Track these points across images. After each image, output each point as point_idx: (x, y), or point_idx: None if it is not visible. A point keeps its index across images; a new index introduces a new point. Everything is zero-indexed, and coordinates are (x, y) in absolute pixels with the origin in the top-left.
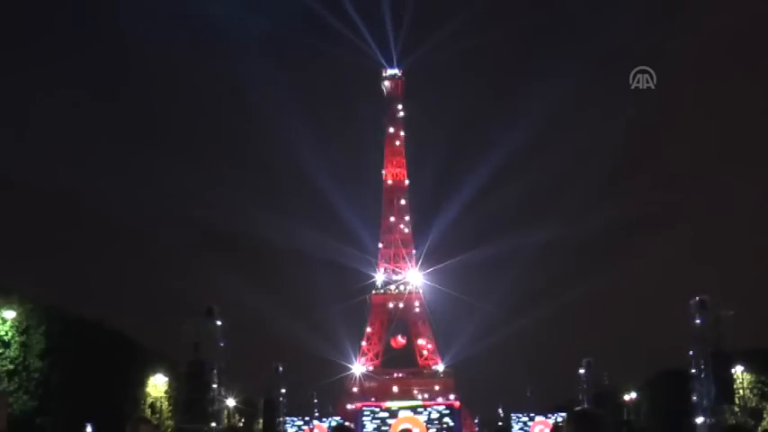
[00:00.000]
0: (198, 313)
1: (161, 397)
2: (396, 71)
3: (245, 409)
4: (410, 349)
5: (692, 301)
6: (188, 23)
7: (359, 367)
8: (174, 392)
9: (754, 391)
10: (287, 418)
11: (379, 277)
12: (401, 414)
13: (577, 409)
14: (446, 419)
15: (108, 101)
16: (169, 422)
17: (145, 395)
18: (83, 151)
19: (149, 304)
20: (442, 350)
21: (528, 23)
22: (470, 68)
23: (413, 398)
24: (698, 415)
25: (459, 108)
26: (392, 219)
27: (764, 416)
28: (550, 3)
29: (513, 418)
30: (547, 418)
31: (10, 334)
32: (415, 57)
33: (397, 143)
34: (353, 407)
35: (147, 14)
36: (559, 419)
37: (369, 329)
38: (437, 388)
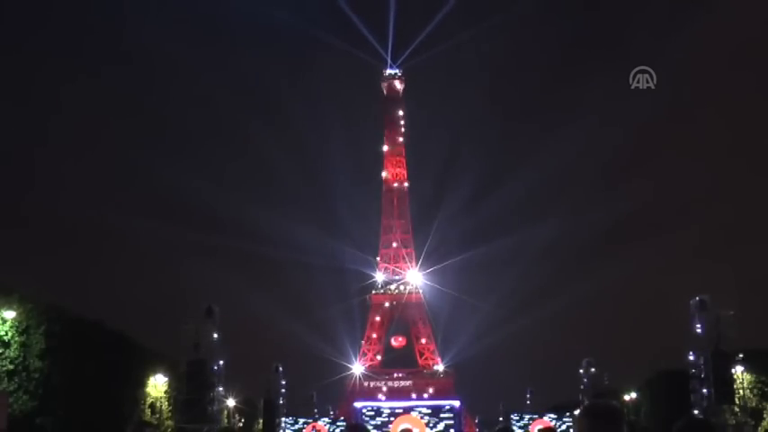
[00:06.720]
0: (198, 313)
1: (161, 397)
2: (396, 71)
3: (245, 409)
4: (410, 349)
5: (692, 301)
6: (187, 21)
7: (359, 367)
8: (173, 392)
9: (754, 391)
10: (286, 418)
11: (379, 277)
12: (401, 414)
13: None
14: (446, 419)
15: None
16: (169, 422)
17: (145, 395)
18: (82, 148)
19: (149, 304)
20: (441, 350)
21: (528, 24)
22: (470, 68)
23: (413, 398)
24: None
25: (459, 107)
26: (392, 219)
27: (764, 416)
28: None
29: (513, 418)
30: (542, 417)
31: (10, 334)
32: (416, 56)
33: (397, 143)
34: (353, 407)
35: (148, 10)
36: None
37: (369, 329)
38: (437, 388)
